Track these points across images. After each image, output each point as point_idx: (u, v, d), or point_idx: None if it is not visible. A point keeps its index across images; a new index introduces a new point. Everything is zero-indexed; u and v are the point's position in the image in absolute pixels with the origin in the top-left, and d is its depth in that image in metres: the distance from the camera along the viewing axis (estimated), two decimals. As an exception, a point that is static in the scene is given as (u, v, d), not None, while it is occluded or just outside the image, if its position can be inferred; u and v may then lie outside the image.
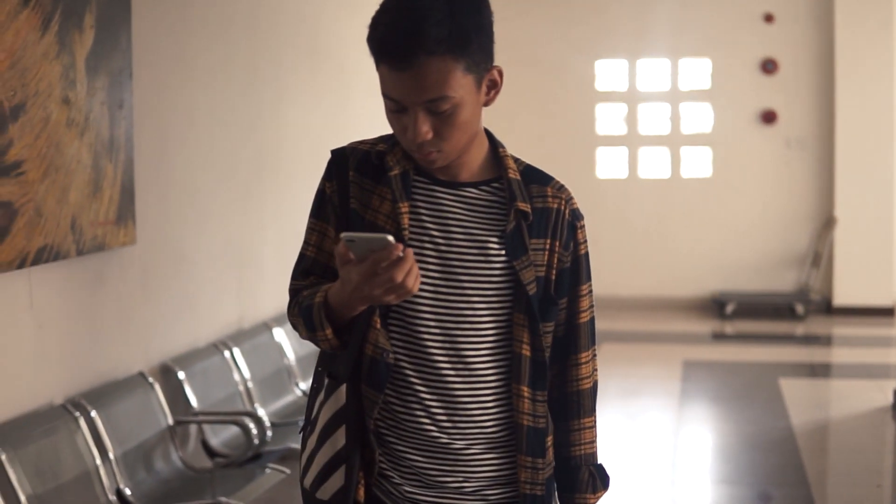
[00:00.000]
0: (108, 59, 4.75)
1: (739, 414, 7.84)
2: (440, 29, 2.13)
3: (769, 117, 11.92)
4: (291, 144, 7.09)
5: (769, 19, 11.84)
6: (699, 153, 12.19)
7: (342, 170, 2.35)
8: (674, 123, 12.21)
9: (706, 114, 12.15)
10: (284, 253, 6.35)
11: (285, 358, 6.43)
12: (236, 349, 5.94)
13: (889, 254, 11.55)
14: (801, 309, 11.50)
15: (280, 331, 6.46)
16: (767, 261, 11.98)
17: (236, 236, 6.38)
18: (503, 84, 2.29)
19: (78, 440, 4.42)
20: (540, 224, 2.33)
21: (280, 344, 6.45)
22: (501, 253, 2.29)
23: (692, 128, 12.19)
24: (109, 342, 5.00)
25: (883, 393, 7.99)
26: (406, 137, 2.23)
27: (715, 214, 12.10)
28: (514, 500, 2.36)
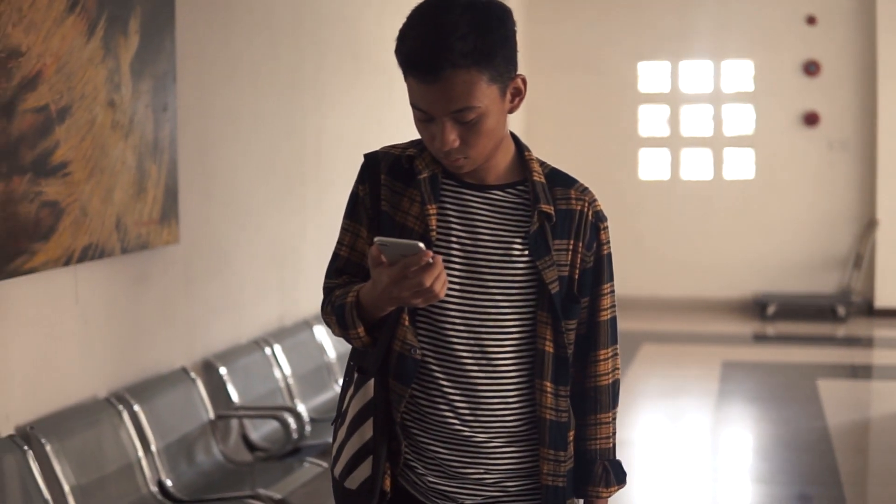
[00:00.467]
0: (153, 63, 4.87)
1: (776, 414, 7.86)
2: (465, 42, 2.22)
3: (811, 119, 11.90)
4: (332, 145, 7.17)
5: (811, 21, 11.82)
6: (741, 155, 12.18)
7: (374, 173, 2.45)
8: (716, 125, 12.20)
9: (749, 115, 12.14)
10: (325, 253, 6.38)
11: (325, 355, 6.52)
12: (277, 346, 6.03)
13: (931, 256, 11.52)
14: (843, 310, 11.47)
15: (321, 329, 6.54)
16: (809, 262, 11.96)
17: (278, 236, 6.47)
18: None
19: (121, 433, 4.50)
20: (563, 225, 2.41)
21: (321, 342, 6.53)
22: (525, 253, 2.37)
23: (735, 129, 12.17)
24: (152, 338, 5.10)
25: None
26: (434, 145, 2.32)
27: (757, 216, 12.08)
28: (533, 492, 2.44)
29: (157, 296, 5.14)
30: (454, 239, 2.38)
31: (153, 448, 4.67)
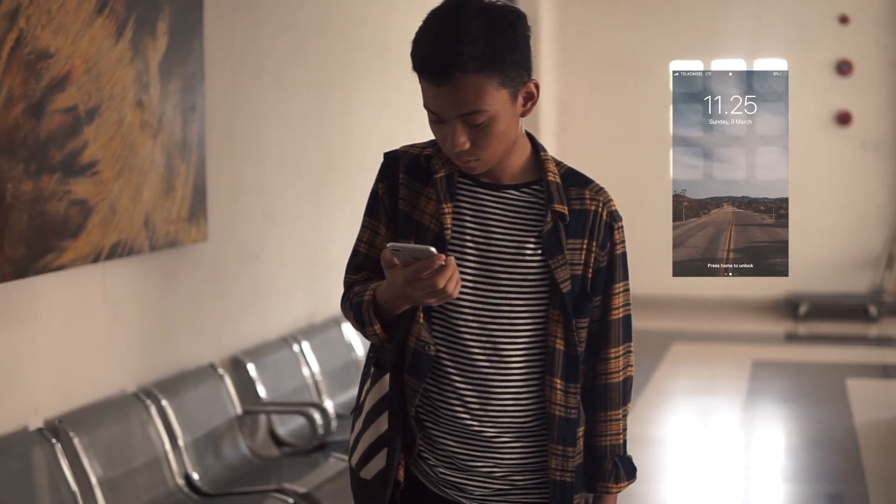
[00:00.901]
0: (181, 64, 4.93)
1: (804, 413, 7.86)
2: (474, 47, 2.27)
3: (844, 119, 11.86)
4: (360, 144, 7.20)
5: (844, 21, 11.77)
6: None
7: (393, 172, 2.50)
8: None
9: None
10: (353, 251, 6.44)
11: (353, 353, 6.55)
12: (305, 343, 6.07)
13: (965, 256, 11.46)
14: (875, 310, 11.43)
15: (349, 326, 6.57)
16: (841, 262, 11.91)
17: (306, 234, 6.51)
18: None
19: (149, 427, 4.55)
20: (577, 225, 2.45)
21: (349, 340, 6.57)
22: (538, 252, 2.42)
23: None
24: (181, 334, 5.15)
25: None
26: (446, 147, 2.38)
27: (790, 215, 12.01)
28: (541, 486, 2.48)
29: (186, 292, 5.20)
30: (468, 237, 2.42)
31: (180, 442, 4.72)
